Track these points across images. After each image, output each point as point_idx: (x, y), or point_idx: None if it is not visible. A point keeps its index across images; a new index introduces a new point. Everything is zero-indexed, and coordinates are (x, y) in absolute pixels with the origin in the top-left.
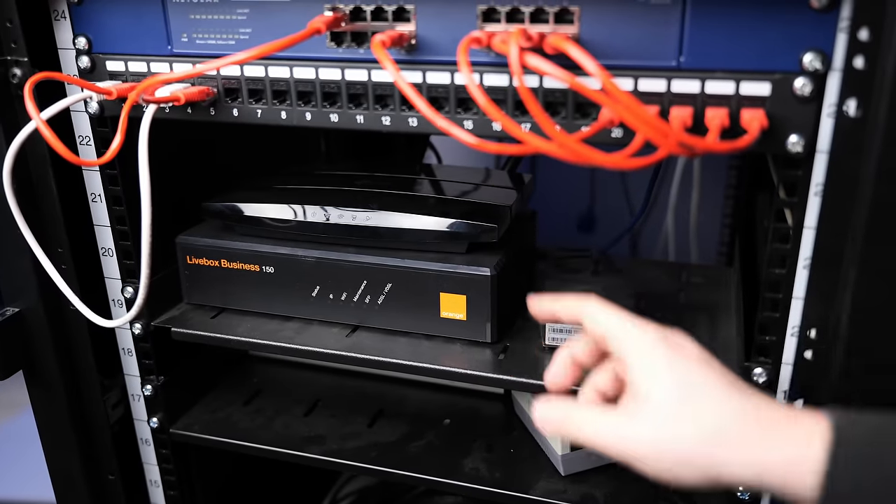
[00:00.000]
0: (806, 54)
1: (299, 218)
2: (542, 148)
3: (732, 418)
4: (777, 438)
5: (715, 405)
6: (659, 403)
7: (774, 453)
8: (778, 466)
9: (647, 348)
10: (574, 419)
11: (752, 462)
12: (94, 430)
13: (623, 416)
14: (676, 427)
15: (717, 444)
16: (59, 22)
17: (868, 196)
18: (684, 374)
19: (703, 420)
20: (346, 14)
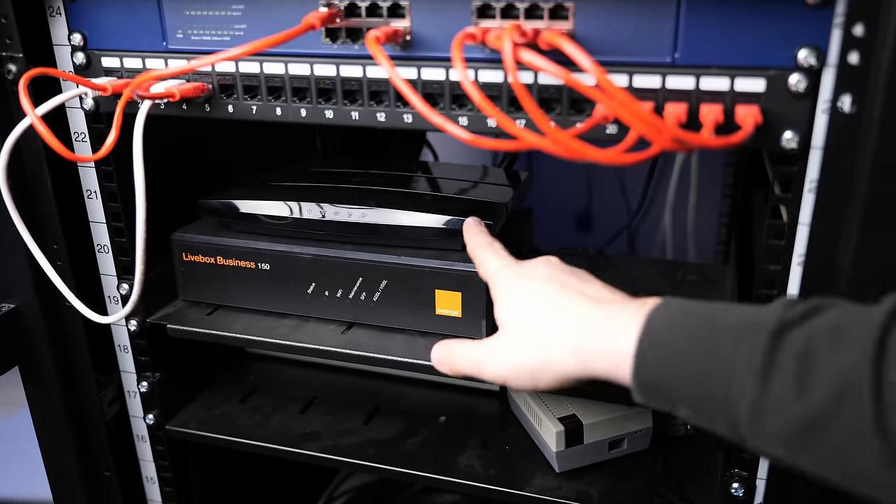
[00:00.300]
0: (801, 50)
1: (296, 215)
2: (536, 144)
3: (563, 322)
4: (597, 333)
5: (550, 314)
6: (505, 328)
7: (593, 347)
8: (599, 358)
9: (501, 279)
10: (453, 353)
11: (577, 357)
12: (90, 427)
13: (486, 344)
14: (520, 339)
15: (551, 348)
16: (55, 18)
17: (863, 192)
18: (527, 295)
19: (539, 329)
20: (340, 10)
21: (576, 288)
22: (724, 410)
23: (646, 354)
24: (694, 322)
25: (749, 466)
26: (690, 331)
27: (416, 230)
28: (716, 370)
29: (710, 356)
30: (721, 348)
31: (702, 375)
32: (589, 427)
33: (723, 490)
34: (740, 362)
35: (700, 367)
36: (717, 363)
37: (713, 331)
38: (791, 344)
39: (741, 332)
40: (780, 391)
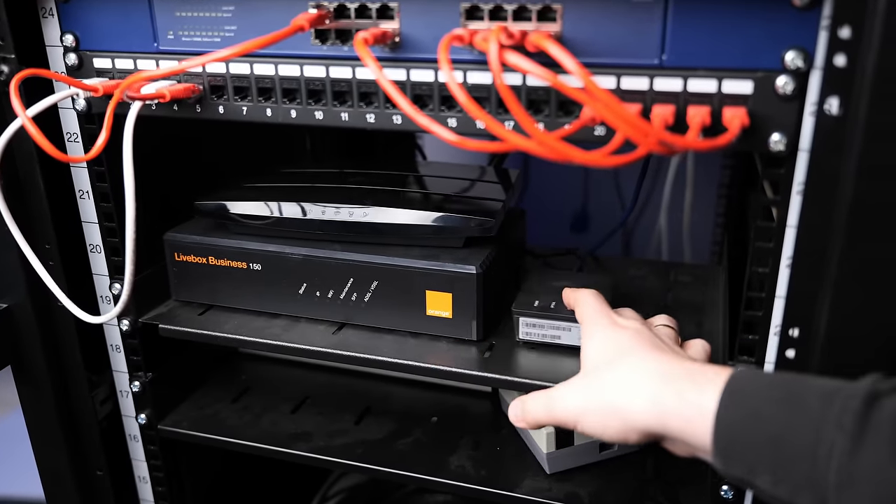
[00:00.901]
0: (788, 52)
1: (296, 215)
2: (522, 145)
3: (644, 370)
4: (679, 386)
5: (633, 361)
6: (588, 364)
7: (673, 397)
8: (676, 410)
9: (592, 323)
10: (527, 403)
11: (654, 406)
12: (82, 427)
13: (560, 388)
14: (597, 381)
15: (627, 393)
16: (47, 19)
17: (849, 194)
18: (614, 341)
19: (618, 373)
20: (330, 11)
21: (658, 346)
22: (809, 476)
23: (728, 412)
24: (778, 385)
25: None
26: (776, 390)
27: (419, 228)
28: (802, 430)
29: (795, 417)
30: (808, 410)
31: (787, 436)
32: None
33: (712, 493)
34: (830, 424)
35: (785, 427)
36: (805, 423)
37: (800, 391)
38: (885, 409)
39: (830, 395)
40: (874, 455)
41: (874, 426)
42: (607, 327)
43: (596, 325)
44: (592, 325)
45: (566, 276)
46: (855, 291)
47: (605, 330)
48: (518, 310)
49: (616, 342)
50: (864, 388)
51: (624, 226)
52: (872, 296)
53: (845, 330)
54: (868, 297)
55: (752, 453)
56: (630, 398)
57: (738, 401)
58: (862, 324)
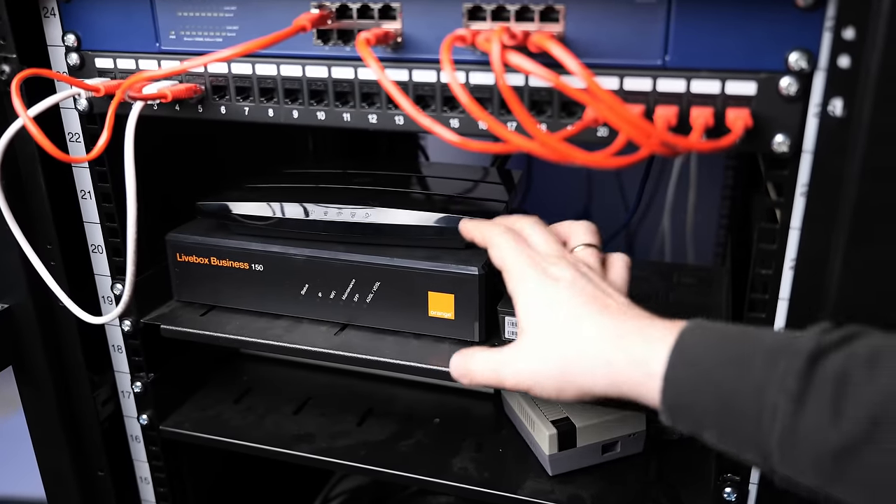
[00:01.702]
0: (791, 53)
1: (298, 216)
2: (524, 146)
3: (594, 333)
4: (629, 344)
5: (580, 324)
6: (529, 335)
7: (623, 357)
8: (627, 369)
9: (519, 278)
10: (470, 362)
11: (607, 371)
12: (83, 427)
13: (508, 351)
14: (541, 354)
15: (580, 360)
16: (49, 19)
17: (852, 196)
18: (552, 299)
19: (567, 338)
20: (332, 12)
21: (599, 298)
22: (755, 437)
23: (676, 374)
24: (726, 343)
25: (741, 471)
26: (722, 351)
27: (422, 229)
28: (747, 392)
29: (741, 378)
30: (754, 370)
31: (732, 397)
32: (582, 430)
33: (715, 494)
34: (773, 385)
35: (731, 388)
36: (749, 385)
37: (746, 352)
38: (827, 368)
39: (775, 354)
40: (814, 416)
41: (816, 386)
42: (539, 282)
43: (525, 281)
44: (520, 279)
45: None
46: (858, 293)
47: (537, 286)
48: (503, 309)
49: (555, 301)
50: (808, 345)
51: (627, 227)
52: (876, 298)
53: None
54: (871, 299)
55: (699, 412)
56: (583, 365)
57: (686, 360)
58: (865, 325)
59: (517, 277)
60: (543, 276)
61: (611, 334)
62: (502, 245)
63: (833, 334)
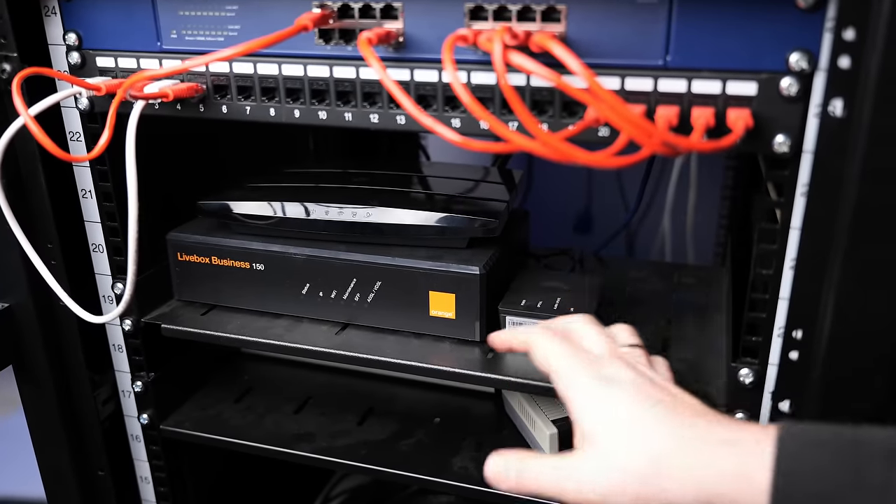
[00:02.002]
0: (792, 54)
1: (299, 215)
2: (526, 146)
3: (667, 443)
4: (718, 454)
5: (648, 433)
6: (596, 443)
7: (715, 470)
8: (722, 482)
9: (578, 392)
10: (530, 472)
11: (694, 482)
12: (84, 427)
13: (571, 460)
14: (614, 463)
15: (655, 472)
16: (50, 18)
17: (852, 196)
18: (610, 405)
19: (637, 451)
20: (334, 11)
21: (666, 401)
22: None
23: (784, 490)
24: (835, 449)
25: None
26: (833, 459)
27: (423, 229)
28: (868, 497)
29: (858, 488)
30: (871, 478)
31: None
32: None
33: None
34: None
35: (848, 497)
36: (868, 496)
37: (859, 457)
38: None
39: (893, 456)
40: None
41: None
42: (593, 386)
43: (576, 382)
44: (576, 382)
45: (557, 276)
46: (858, 293)
47: (591, 389)
48: (504, 308)
49: (614, 406)
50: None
51: (627, 227)
52: (876, 298)
53: (849, 332)
54: (871, 300)
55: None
56: (666, 481)
57: (794, 478)
58: (865, 326)
59: (568, 380)
60: (597, 380)
61: (693, 443)
62: (546, 346)
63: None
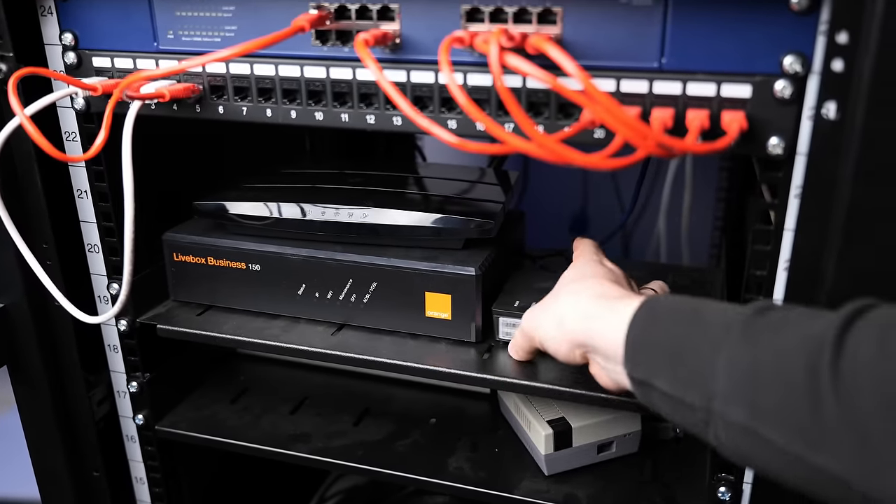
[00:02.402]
0: (786, 57)
1: (295, 216)
2: (522, 148)
3: (590, 292)
4: (610, 305)
5: (585, 285)
6: (558, 285)
7: (601, 312)
8: (600, 323)
9: (579, 257)
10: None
11: (584, 319)
12: (78, 427)
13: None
14: (554, 297)
15: (569, 307)
16: (46, 18)
17: (846, 198)
18: (584, 270)
19: (570, 292)
20: (330, 12)
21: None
22: (698, 374)
23: (638, 323)
24: (687, 302)
25: (736, 471)
26: (682, 307)
27: (419, 230)
28: (696, 336)
29: (694, 325)
30: (704, 321)
31: (683, 341)
32: (578, 430)
33: (710, 494)
34: (719, 328)
35: (683, 334)
36: (698, 331)
37: (702, 308)
38: (770, 315)
39: (726, 309)
40: (751, 349)
41: (757, 327)
42: (588, 261)
43: (581, 258)
44: (579, 257)
45: (551, 277)
46: (851, 295)
47: (584, 262)
48: (498, 309)
49: (584, 271)
50: (758, 303)
51: (623, 228)
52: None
53: None
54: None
55: (654, 357)
56: (569, 311)
57: (648, 315)
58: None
59: (577, 258)
60: (593, 260)
61: (602, 293)
62: (586, 244)
63: (780, 305)
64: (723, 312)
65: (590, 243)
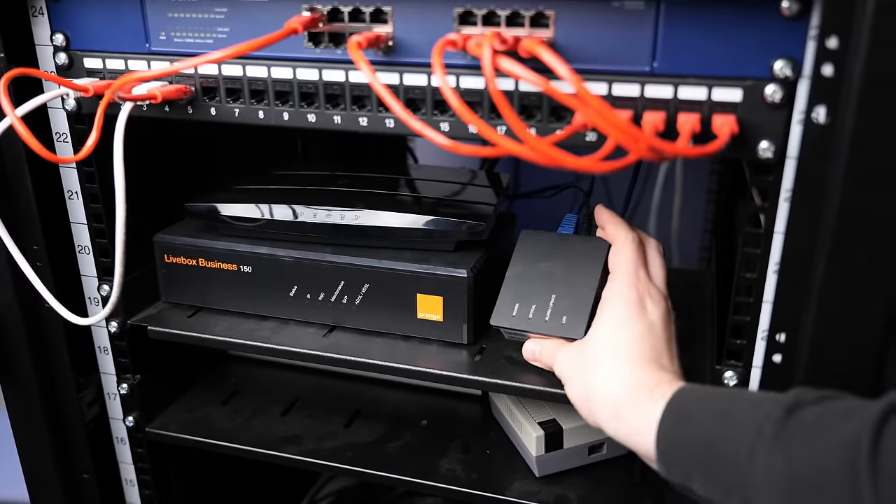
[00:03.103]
0: (777, 61)
1: (287, 218)
2: (514, 150)
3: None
4: (639, 400)
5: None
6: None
7: (630, 411)
8: (628, 423)
9: (616, 304)
10: (544, 349)
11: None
12: (68, 429)
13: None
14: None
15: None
16: (37, 18)
17: (835, 202)
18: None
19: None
20: (323, 15)
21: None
22: (735, 478)
23: (668, 422)
24: (716, 396)
25: None
26: (712, 402)
27: (410, 231)
28: (730, 436)
29: (724, 426)
30: (736, 418)
31: (716, 443)
32: (569, 432)
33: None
34: (752, 430)
35: (715, 435)
36: (732, 430)
37: (730, 404)
38: (803, 416)
39: (757, 405)
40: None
41: (790, 430)
42: (630, 309)
43: (620, 299)
44: (617, 296)
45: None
46: (840, 297)
47: (626, 310)
48: (496, 325)
49: (627, 332)
50: (787, 398)
51: None
52: (857, 302)
53: (831, 335)
54: (853, 303)
55: (688, 458)
56: (599, 392)
57: (678, 412)
58: (847, 329)
59: (615, 294)
60: (636, 306)
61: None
62: (627, 253)
63: (812, 393)
64: (752, 409)
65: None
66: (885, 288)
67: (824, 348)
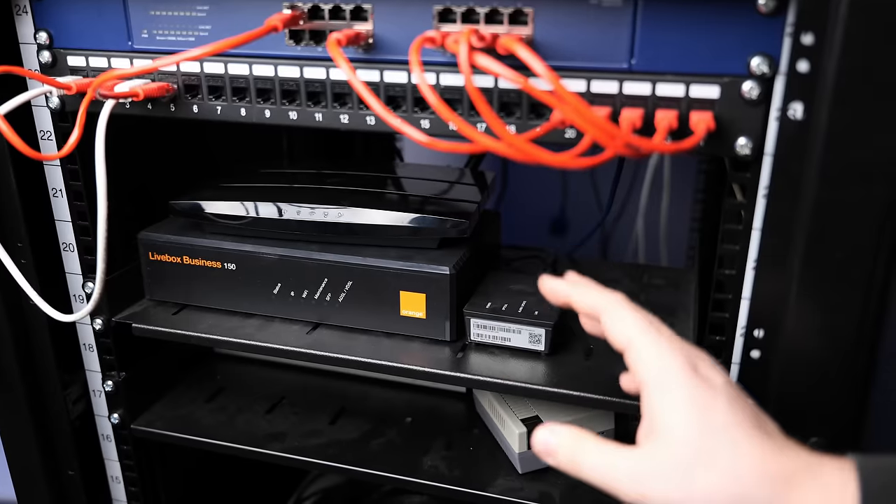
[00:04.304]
0: (754, 58)
1: (271, 215)
2: (492, 147)
3: (756, 468)
4: (801, 494)
5: (736, 454)
6: (677, 446)
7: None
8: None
9: (670, 379)
10: (585, 456)
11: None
12: (54, 426)
13: (638, 456)
14: (694, 475)
15: (732, 494)
16: (20, 16)
17: (811, 198)
18: (707, 415)
19: (720, 471)
20: (304, 12)
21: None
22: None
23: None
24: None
25: None
26: None
27: (393, 229)
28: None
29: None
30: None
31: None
32: None
33: None
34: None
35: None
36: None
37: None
38: None
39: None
40: None
41: None
42: (690, 383)
43: (671, 375)
44: (660, 370)
45: (525, 279)
46: (817, 293)
47: (688, 387)
48: (469, 311)
49: (708, 413)
50: None
51: (602, 229)
52: (834, 298)
53: (807, 331)
54: (829, 299)
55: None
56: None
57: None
58: (823, 325)
59: (659, 359)
60: (694, 377)
61: (777, 474)
62: (628, 316)
63: None
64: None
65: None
66: (861, 283)
67: (801, 344)
